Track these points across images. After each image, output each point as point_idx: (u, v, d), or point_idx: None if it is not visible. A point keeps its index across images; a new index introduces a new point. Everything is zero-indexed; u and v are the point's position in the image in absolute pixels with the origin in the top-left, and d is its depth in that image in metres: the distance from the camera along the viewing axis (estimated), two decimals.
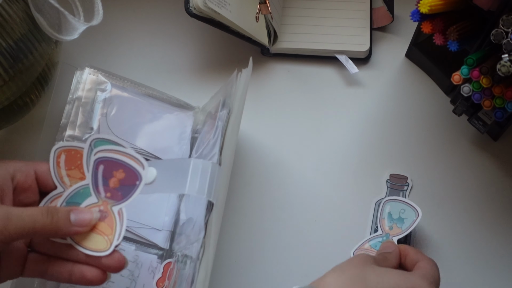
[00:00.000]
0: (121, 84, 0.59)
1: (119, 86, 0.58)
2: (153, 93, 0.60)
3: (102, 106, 0.56)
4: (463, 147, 0.63)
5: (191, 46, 0.70)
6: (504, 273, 0.57)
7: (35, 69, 0.57)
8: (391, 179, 0.61)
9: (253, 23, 0.65)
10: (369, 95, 0.67)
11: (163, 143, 0.57)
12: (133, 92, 0.59)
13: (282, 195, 0.60)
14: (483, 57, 0.54)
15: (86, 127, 0.55)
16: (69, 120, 0.55)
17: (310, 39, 0.68)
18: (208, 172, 0.46)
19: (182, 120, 0.59)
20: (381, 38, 0.70)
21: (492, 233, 0.58)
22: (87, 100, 0.56)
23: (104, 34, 0.70)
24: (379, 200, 0.59)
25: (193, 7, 0.60)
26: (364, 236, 0.57)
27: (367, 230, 0.58)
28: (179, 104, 0.61)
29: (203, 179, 0.45)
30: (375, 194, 0.60)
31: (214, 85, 0.67)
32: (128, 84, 0.59)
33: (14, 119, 0.60)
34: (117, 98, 0.57)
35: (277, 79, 0.68)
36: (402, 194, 0.60)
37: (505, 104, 0.53)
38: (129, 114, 0.57)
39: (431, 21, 0.56)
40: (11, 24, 0.52)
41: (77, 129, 0.55)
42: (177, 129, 0.58)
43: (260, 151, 0.63)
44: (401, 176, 0.61)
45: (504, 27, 0.50)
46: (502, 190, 0.60)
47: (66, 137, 0.54)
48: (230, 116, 0.52)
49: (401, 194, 0.60)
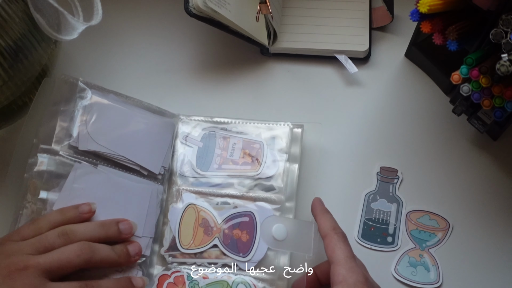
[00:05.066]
0: (101, 92, 0.58)
1: (100, 94, 0.58)
2: (133, 102, 0.60)
3: (82, 114, 0.56)
4: (463, 146, 0.63)
5: (191, 46, 0.70)
6: (503, 273, 0.57)
7: (35, 69, 0.57)
8: (381, 172, 0.61)
9: (253, 23, 0.65)
10: (369, 95, 0.67)
11: (144, 150, 0.57)
12: (114, 100, 0.58)
13: None
14: (482, 57, 0.54)
15: (65, 135, 0.55)
16: (46, 132, 0.55)
17: (310, 39, 0.68)
18: (317, 232, 0.52)
19: (163, 127, 0.59)
20: (381, 38, 0.70)
21: (491, 232, 0.58)
22: (66, 108, 0.56)
23: (104, 34, 0.70)
24: (369, 193, 0.60)
25: (192, 7, 0.60)
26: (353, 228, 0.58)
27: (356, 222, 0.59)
28: (160, 112, 0.61)
29: (316, 239, 0.52)
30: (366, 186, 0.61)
31: (214, 85, 0.67)
32: (109, 92, 0.59)
33: (13, 119, 0.60)
34: (97, 105, 0.57)
35: (277, 79, 0.68)
36: (392, 187, 0.60)
37: (504, 104, 0.53)
38: (110, 121, 0.57)
39: (430, 21, 0.56)
40: (11, 24, 0.52)
41: (54, 138, 0.55)
42: (158, 136, 0.58)
43: None
44: (391, 168, 0.61)
45: (503, 27, 0.50)
46: (501, 189, 0.60)
47: (40, 150, 0.54)
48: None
49: (391, 187, 0.60)
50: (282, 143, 0.58)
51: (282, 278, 0.53)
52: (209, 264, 0.53)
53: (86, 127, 0.55)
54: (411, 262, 0.57)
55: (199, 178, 0.57)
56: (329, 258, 0.48)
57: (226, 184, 0.57)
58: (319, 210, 0.52)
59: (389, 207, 0.60)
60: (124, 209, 0.53)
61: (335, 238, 0.48)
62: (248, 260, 0.53)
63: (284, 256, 0.54)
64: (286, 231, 0.52)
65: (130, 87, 0.64)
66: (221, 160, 0.58)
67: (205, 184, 0.57)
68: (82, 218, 0.51)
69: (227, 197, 0.56)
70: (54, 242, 0.48)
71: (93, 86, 0.58)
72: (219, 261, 0.53)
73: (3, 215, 0.56)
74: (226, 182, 0.57)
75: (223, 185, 0.57)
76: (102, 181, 0.54)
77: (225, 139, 0.59)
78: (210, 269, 0.53)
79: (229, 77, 0.68)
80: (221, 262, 0.53)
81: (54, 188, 0.53)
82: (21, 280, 0.44)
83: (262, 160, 0.57)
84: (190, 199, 0.56)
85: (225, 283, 0.52)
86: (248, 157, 0.57)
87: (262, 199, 0.56)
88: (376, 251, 0.58)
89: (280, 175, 0.57)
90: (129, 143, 0.56)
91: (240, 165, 0.57)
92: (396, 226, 0.59)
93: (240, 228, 0.54)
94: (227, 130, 0.60)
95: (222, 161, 0.58)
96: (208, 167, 0.58)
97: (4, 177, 0.56)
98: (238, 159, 0.57)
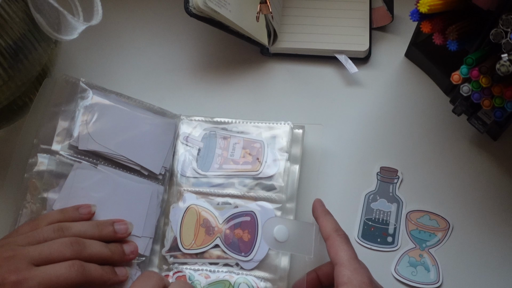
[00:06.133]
0: (102, 92, 0.58)
1: (101, 94, 0.58)
2: (134, 102, 0.60)
3: (83, 114, 0.56)
4: (463, 146, 0.63)
5: (191, 46, 0.70)
6: (503, 273, 0.57)
7: (35, 69, 0.57)
8: (381, 172, 0.61)
9: (253, 22, 0.65)
10: (369, 95, 0.67)
11: (145, 150, 0.57)
12: (115, 100, 0.58)
13: None
14: (482, 57, 0.54)
15: (65, 135, 0.55)
16: (46, 133, 0.55)
17: (310, 39, 0.69)
18: (318, 234, 0.52)
19: (164, 128, 0.59)
20: (381, 38, 0.70)
21: (491, 232, 0.58)
22: (67, 108, 0.56)
23: (104, 34, 0.70)
24: (369, 193, 0.60)
25: (193, 7, 0.60)
26: (353, 228, 0.58)
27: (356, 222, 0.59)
28: (162, 112, 0.61)
29: (317, 241, 0.52)
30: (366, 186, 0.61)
31: (214, 85, 0.67)
32: (110, 93, 0.59)
33: (14, 119, 0.60)
34: (99, 106, 0.57)
35: (277, 79, 0.68)
36: (392, 187, 0.60)
37: (504, 104, 0.53)
38: (111, 121, 0.57)
39: (430, 21, 0.56)
40: (11, 24, 0.52)
41: (55, 138, 0.55)
42: (159, 137, 0.58)
43: None
44: (391, 168, 0.61)
45: (503, 27, 0.50)
46: (501, 189, 0.60)
47: (40, 150, 0.54)
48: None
49: (391, 187, 0.60)
50: (283, 142, 0.58)
51: (283, 278, 0.53)
52: (210, 264, 0.53)
53: (86, 127, 0.55)
54: (411, 262, 0.57)
55: (200, 178, 0.57)
56: (332, 259, 0.48)
57: (227, 184, 0.57)
58: (320, 212, 0.52)
59: (389, 207, 0.60)
60: (124, 209, 0.53)
61: (338, 240, 0.49)
62: (250, 259, 0.53)
63: (285, 257, 0.54)
64: (288, 232, 0.52)
65: (130, 87, 0.65)
66: (222, 160, 0.58)
67: (206, 184, 0.57)
68: (81, 219, 0.51)
69: (228, 197, 0.56)
70: (48, 236, 0.48)
71: (94, 86, 0.58)
72: (220, 261, 0.53)
73: (3, 215, 0.55)
74: (227, 182, 0.57)
75: (224, 185, 0.57)
76: (102, 180, 0.54)
77: (226, 139, 0.59)
78: (211, 269, 0.53)
79: (229, 77, 0.68)
80: (222, 262, 0.53)
81: (54, 188, 0.53)
82: (7, 267, 0.44)
83: (263, 160, 0.57)
84: (191, 200, 0.56)
85: (227, 282, 0.52)
86: (249, 156, 0.57)
87: (263, 199, 0.56)
88: (376, 251, 0.58)
89: (281, 174, 0.57)
90: (130, 143, 0.56)
91: (241, 164, 0.57)
92: (396, 226, 0.59)
93: (241, 227, 0.54)
94: (228, 130, 0.60)
95: (222, 161, 0.58)
96: (209, 167, 0.58)
97: (4, 177, 0.56)
98: (239, 158, 0.57)
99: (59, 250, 0.46)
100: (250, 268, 0.53)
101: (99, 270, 0.48)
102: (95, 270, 0.47)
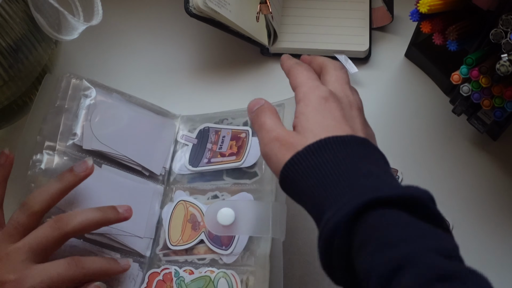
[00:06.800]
0: (105, 91, 0.58)
1: (104, 93, 0.58)
2: (136, 101, 0.60)
3: (87, 113, 0.56)
4: (463, 146, 0.63)
5: (191, 46, 0.70)
6: (503, 273, 0.57)
7: (35, 69, 0.57)
8: None
9: (253, 23, 0.65)
10: (369, 95, 0.67)
11: (146, 150, 0.57)
12: (118, 99, 0.58)
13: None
14: (482, 57, 0.54)
15: (69, 133, 0.55)
16: (50, 130, 0.54)
17: (310, 39, 0.69)
18: (283, 213, 0.49)
19: (165, 128, 0.59)
20: (381, 38, 0.70)
21: (491, 232, 0.58)
22: (70, 106, 0.56)
23: (104, 34, 0.70)
24: None
25: (193, 7, 0.60)
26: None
27: None
28: (162, 112, 0.61)
29: (282, 221, 0.49)
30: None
31: (214, 85, 0.67)
32: (112, 91, 0.59)
33: (14, 119, 0.60)
34: (102, 104, 0.57)
35: (277, 79, 0.68)
36: None
37: (504, 104, 0.53)
38: (114, 120, 0.57)
39: (430, 21, 0.56)
40: (11, 24, 0.52)
41: (59, 136, 0.54)
42: (160, 137, 0.58)
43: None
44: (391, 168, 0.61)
45: (503, 27, 0.50)
46: (501, 189, 0.61)
47: (45, 147, 0.54)
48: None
49: None
50: None
51: (264, 266, 0.51)
52: (198, 260, 0.53)
53: (90, 126, 0.55)
54: None
55: (191, 174, 0.57)
56: (292, 88, 0.42)
57: (215, 177, 0.56)
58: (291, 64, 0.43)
59: None
60: None
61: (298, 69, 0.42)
62: (230, 253, 0.52)
63: (266, 244, 0.52)
64: (234, 215, 0.50)
65: (130, 87, 0.64)
66: (211, 154, 0.57)
67: (196, 180, 0.57)
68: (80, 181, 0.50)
69: (217, 190, 0.56)
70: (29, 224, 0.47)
71: (97, 84, 0.58)
72: (207, 257, 0.53)
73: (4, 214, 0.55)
74: (215, 175, 0.56)
75: (212, 179, 0.56)
76: (105, 180, 0.54)
77: (217, 133, 0.59)
78: (196, 265, 0.52)
79: (229, 77, 0.68)
80: (209, 258, 0.53)
81: None
82: (5, 268, 0.44)
83: (246, 148, 0.56)
84: (180, 196, 0.56)
85: (208, 278, 0.51)
86: (235, 147, 0.57)
87: (247, 189, 0.55)
88: None
89: (263, 161, 0.55)
90: (132, 143, 0.56)
91: (227, 156, 0.57)
92: None
93: None
94: (221, 124, 0.59)
95: (211, 155, 0.57)
96: (199, 163, 0.57)
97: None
98: (226, 150, 0.57)
99: (45, 235, 0.46)
100: (231, 261, 0.52)
101: (98, 262, 0.47)
102: (93, 262, 0.47)
